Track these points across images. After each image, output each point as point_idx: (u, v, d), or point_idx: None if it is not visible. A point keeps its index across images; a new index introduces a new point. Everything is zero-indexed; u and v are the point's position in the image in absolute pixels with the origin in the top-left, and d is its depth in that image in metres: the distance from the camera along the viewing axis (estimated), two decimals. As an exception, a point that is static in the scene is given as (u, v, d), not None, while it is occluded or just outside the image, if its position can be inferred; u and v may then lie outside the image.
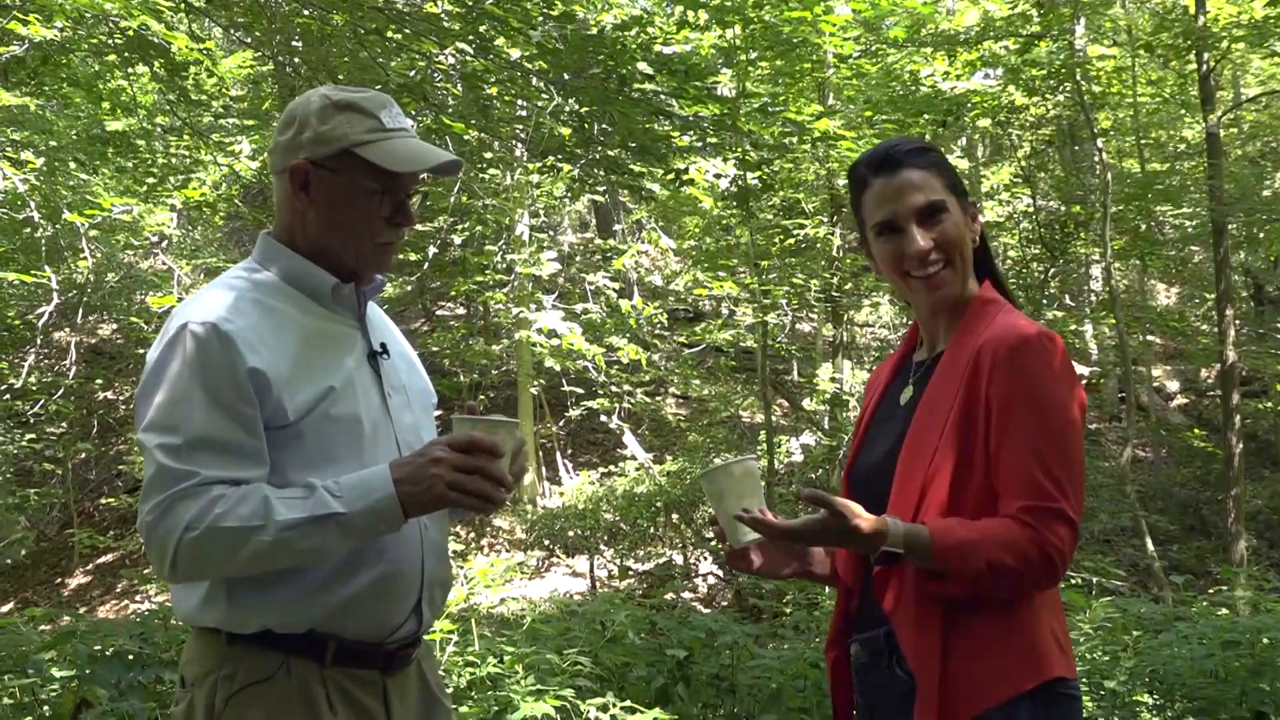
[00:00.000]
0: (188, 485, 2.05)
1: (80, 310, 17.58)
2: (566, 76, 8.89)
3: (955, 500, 2.19)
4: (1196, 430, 18.40)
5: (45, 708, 4.46)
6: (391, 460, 2.15)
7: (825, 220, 16.16)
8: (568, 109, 9.36)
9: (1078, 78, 15.47)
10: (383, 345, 2.41)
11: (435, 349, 17.70)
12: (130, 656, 4.39)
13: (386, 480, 2.10)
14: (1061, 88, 16.39)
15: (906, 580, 2.22)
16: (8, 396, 16.38)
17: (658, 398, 19.42)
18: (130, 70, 11.21)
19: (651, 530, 15.73)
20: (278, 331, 2.20)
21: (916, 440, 2.27)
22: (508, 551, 16.17)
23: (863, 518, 2.15)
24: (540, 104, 9.44)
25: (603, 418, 17.58)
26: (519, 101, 10.45)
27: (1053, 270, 18.71)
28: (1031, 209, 19.42)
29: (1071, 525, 2.12)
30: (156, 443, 2.08)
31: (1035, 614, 2.20)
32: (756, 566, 2.51)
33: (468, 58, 9.05)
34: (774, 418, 16.85)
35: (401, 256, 14.65)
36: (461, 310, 20.71)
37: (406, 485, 2.10)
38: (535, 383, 17.24)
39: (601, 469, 17.51)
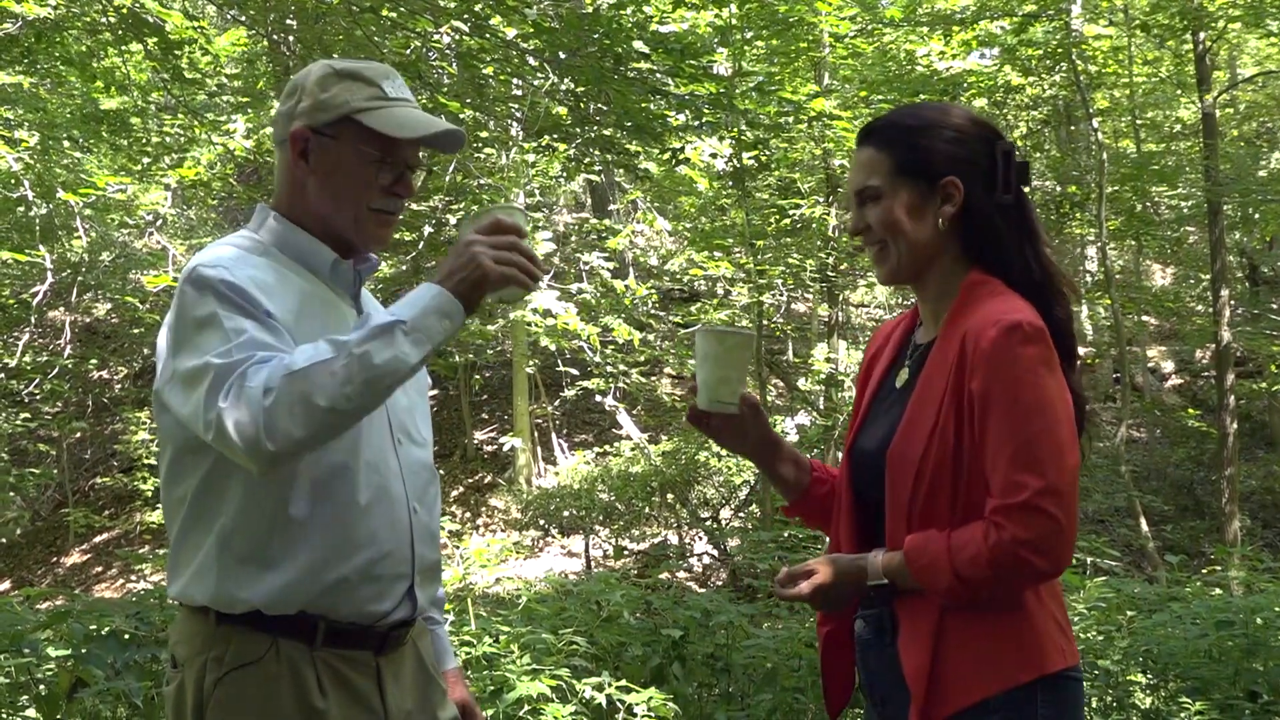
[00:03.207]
0: (248, 365, 1.98)
1: (75, 290, 17.55)
2: (562, 55, 8.87)
3: (953, 492, 2.19)
4: (1191, 411, 18.42)
5: (40, 687, 4.47)
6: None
7: (821, 200, 16.14)
8: (563, 88, 9.34)
9: (1074, 58, 15.46)
10: None
11: (431, 328, 17.64)
12: (126, 636, 4.38)
13: (429, 285, 2.08)
14: (1058, 68, 16.36)
15: None
16: (2, 376, 16.36)
17: (653, 378, 19.41)
18: (124, 48, 11.16)
19: (647, 510, 15.74)
20: (281, 288, 2.18)
21: (910, 430, 2.25)
22: (503, 531, 16.19)
23: (840, 567, 2.30)
24: (536, 83, 9.41)
25: (598, 398, 17.56)
26: (514, 80, 10.42)
27: (1049, 251, 18.67)
28: (1028, 189, 19.36)
29: (1047, 515, 2.06)
30: (205, 358, 2.00)
31: (1037, 604, 2.19)
32: (712, 429, 2.52)
33: (463, 36, 9.02)
34: (769, 398, 16.87)
35: (397, 236, 14.60)
36: (457, 290, 20.66)
37: (451, 279, 2.07)
38: (530, 363, 17.24)
39: (597, 449, 17.50)
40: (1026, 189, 2.40)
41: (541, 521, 16.13)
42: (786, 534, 9.58)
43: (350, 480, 2.17)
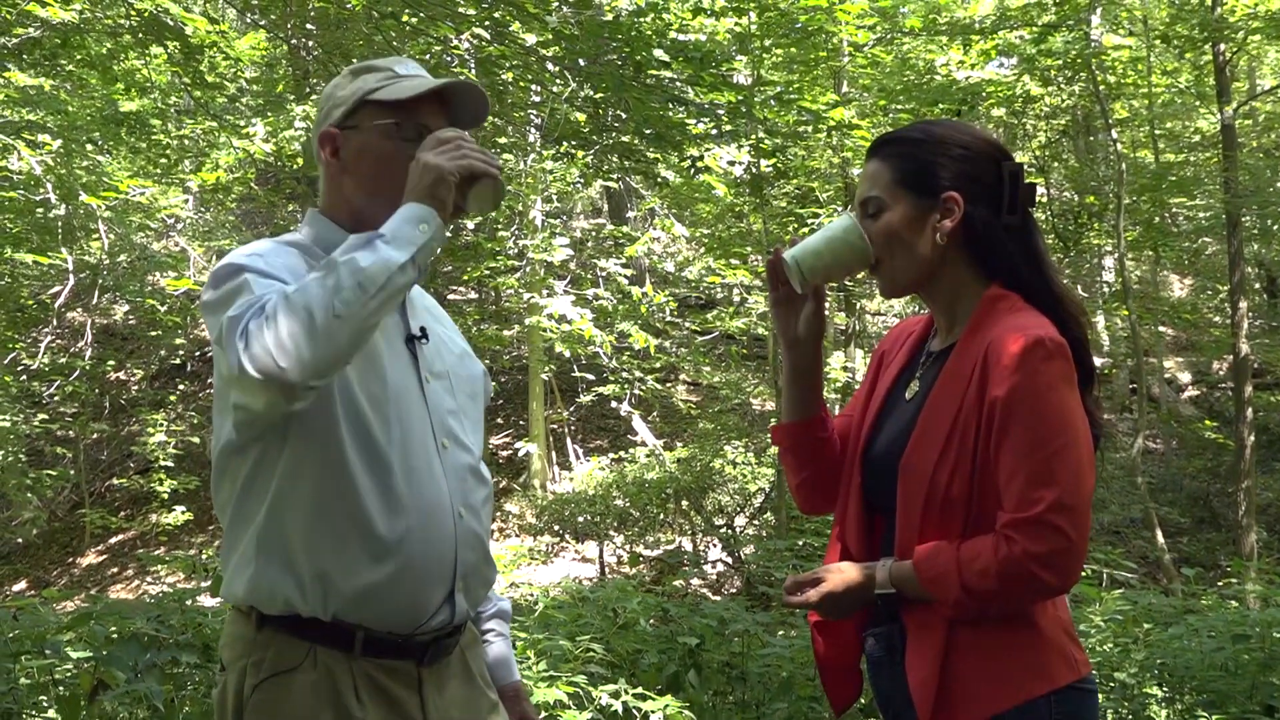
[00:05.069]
0: (255, 306, 1.99)
1: (96, 291, 17.63)
2: (582, 62, 8.89)
3: (966, 505, 2.18)
4: (1208, 422, 18.36)
5: (60, 688, 4.48)
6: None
7: (839, 209, 16.14)
8: (583, 95, 9.35)
9: (1093, 68, 15.44)
10: (422, 329, 2.38)
11: (447, 334, 17.67)
12: (146, 639, 4.39)
13: (402, 207, 2.13)
14: (1077, 78, 16.35)
15: None
16: (24, 378, 16.44)
17: (669, 384, 19.43)
18: (145, 51, 11.21)
19: (661, 517, 15.74)
20: None
21: (924, 440, 2.24)
22: (518, 537, 16.20)
23: (848, 576, 2.28)
24: (555, 90, 9.44)
25: (613, 404, 17.58)
26: (534, 87, 10.45)
27: (1066, 261, 18.68)
28: (1045, 199, 19.36)
29: (1059, 532, 2.05)
30: (230, 314, 2.01)
31: (1045, 614, 2.19)
32: (779, 293, 2.49)
33: (483, 43, 9.05)
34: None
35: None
36: (474, 295, 20.74)
37: (415, 192, 2.11)
38: (546, 368, 17.26)
39: (612, 455, 17.52)
40: (1032, 209, 2.38)
41: (556, 527, 16.14)
42: (801, 542, 9.59)
43: (390, 482, 2.17)
